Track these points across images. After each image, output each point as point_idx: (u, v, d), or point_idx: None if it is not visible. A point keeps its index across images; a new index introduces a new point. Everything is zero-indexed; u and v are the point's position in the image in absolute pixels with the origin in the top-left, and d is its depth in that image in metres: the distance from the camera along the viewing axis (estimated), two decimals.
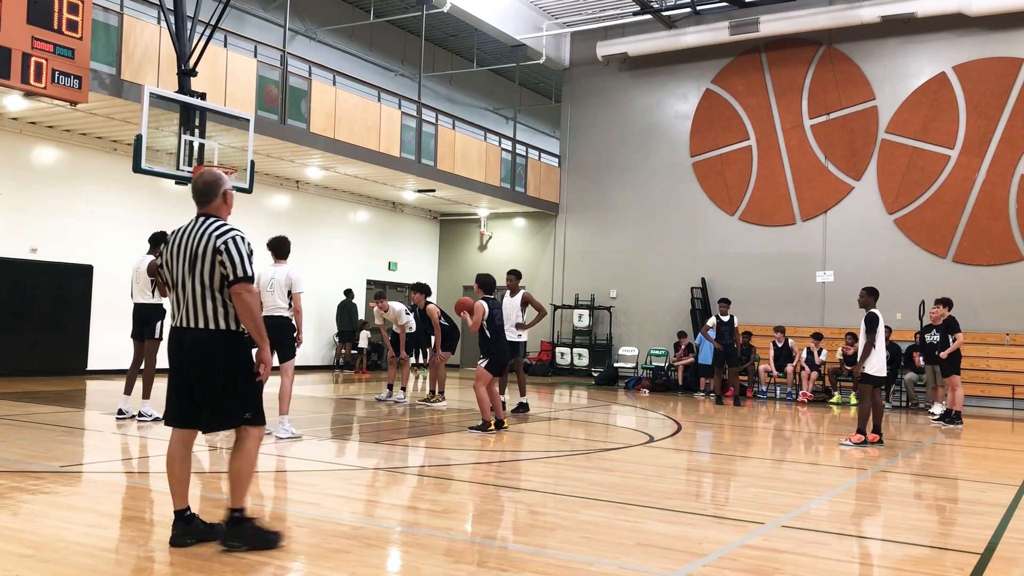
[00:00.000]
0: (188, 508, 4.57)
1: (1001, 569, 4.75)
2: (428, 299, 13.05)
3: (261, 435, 4.61)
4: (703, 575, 4.39)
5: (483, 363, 9.85)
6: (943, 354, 12.83)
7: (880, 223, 18.50)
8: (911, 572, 4.72)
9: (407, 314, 13.00)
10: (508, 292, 12.28)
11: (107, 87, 12.16)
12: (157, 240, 9.82)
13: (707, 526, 5.57)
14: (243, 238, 4.47)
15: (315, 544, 4.69)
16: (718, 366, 15.53)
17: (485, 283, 10.20)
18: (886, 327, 14.02)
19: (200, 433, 4.65)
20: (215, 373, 4.42)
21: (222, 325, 4.44)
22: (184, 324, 4.47)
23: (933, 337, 14.43)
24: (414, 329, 13.19)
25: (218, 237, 4.42)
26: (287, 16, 16.01)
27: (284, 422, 8.70)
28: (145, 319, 9.71)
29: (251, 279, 4.41)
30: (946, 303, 13.18)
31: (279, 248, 8.89)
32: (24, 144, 14.49)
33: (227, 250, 4.39)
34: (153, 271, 9.49)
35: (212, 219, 4.54)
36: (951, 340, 12.76)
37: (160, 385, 11.82)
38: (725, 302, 15.68)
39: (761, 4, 19.49)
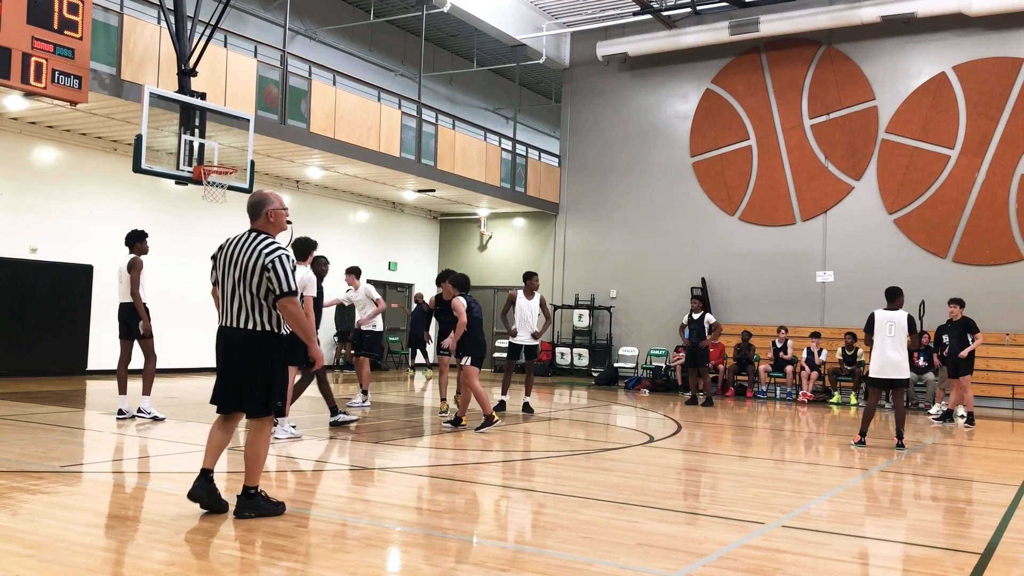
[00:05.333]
0: (212, 470, 5.20)
1: (1001, 569, 4.75)
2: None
3: (272, 421, 5.34)
4: (703, 575, 4.39)
5: (467, 361, 9.87)
6: (964, 353, 12.63)
7: (880, 223, 18.49)
8: (911, 572, 4.72)
9: (371, 301, 11.98)
10: (523, 293, 12.15)
11: (107, 87, 12.16)
12: (133, 239, 9.84)
13: (707, 526, 5.57)
14: (288, 256, 5.14)
15: (315, 544, 4.69)
16: (691, 366, 15.13)
17: (460, 283, 10.14)
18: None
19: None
20: (261, 367, 5.13)
21: (267, 327, 5.16)
22: (235, 325, 5.16)
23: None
24: (375, 328, 12.05)
25: (267, 256, 5.08)
26: (287, 16, 16.01)
27: (284, 423, 8.70)
28: (129, 318, 9.71)
29: (295, 292, 5.12)
30: (960, 303, 13.02)
31: (298, 249, 8.84)
32: (24, 144, 14.48)
33: (274, 268, 5.06)
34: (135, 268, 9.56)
35: (262, 236, 5.21)
36: (970, 340, 12.62)
37: (165, 384, 11.87)
38: (697, 299, 15.28)
39: (761, 4, 19.49)
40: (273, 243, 5.17)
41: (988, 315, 16.94)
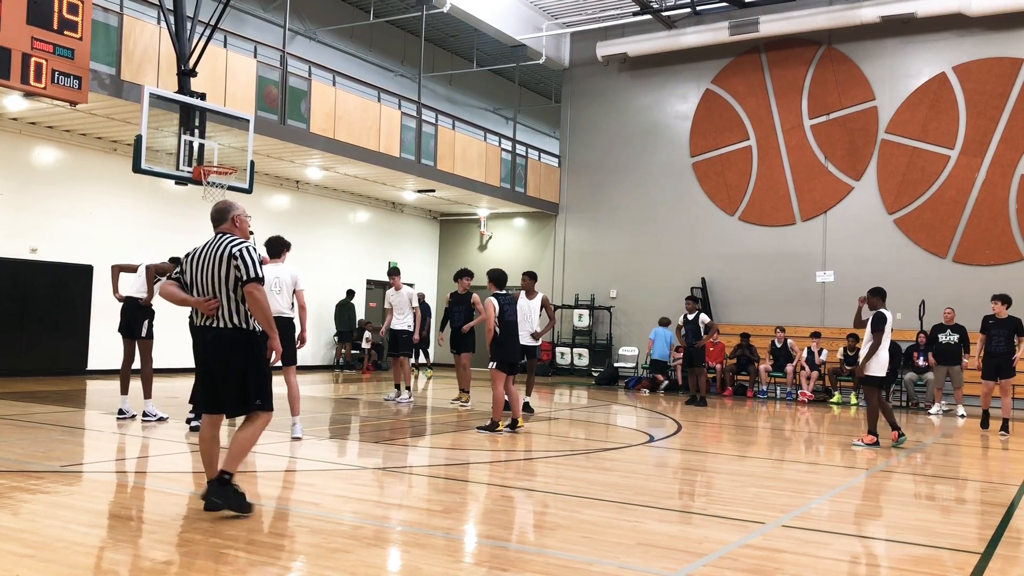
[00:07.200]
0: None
1: (1001, 569, 4.76)
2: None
3: (269, 418, 5.30)
4: (703, 575, 4.39)
5: (493, 364, 9.74)
6: (1021, 356, 11.93)
7: (880, 223, 18.49)
8: (911, 572, 4.72)
9: (411, 307, 12.61)
10: (524, 294, 12.12)
11: (107, 87, 12.16)
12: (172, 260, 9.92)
13: (707, 526, 5.57)
14: (254, 248, 5.24)
15: (315, 544, 4.69)
16: (689, 366, 15.17)
17: (498, 279, 9.89)
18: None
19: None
20: (233, 366, 5.12)
21: (237, 323, 5.14)
22: (206, 324, 5.17)
23: (950, 338, 14.27)
24: (410, 328, 12.67)
25: (233, 247, 5.17)
26: (287, 16, 16.01)
27: (296, 423, 8.69)
28: (132, 316, 9.71)
29: (261, 280, 5.14)
30: (1005, 300, 12.15)
31: (272, 248, 8.85)
32: (24, 144, 14.48)
33: (240, 256, 5.12)
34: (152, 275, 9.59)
35: (228, 235, 5.29)
36: (1017, 342, 11.88)
37: (164, 384, 11.86)
38: (691, 299, 15.23)
39: (761, 4, 19.48)
40: (238, 238, 5.27)
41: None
